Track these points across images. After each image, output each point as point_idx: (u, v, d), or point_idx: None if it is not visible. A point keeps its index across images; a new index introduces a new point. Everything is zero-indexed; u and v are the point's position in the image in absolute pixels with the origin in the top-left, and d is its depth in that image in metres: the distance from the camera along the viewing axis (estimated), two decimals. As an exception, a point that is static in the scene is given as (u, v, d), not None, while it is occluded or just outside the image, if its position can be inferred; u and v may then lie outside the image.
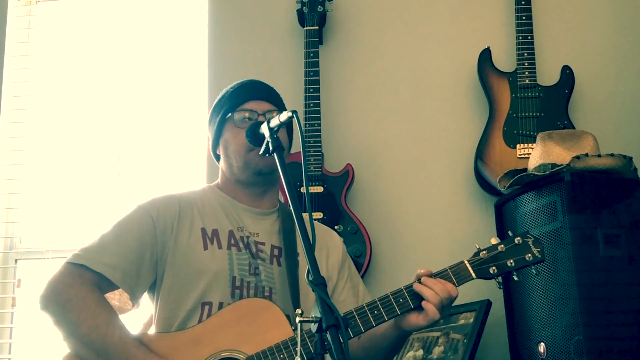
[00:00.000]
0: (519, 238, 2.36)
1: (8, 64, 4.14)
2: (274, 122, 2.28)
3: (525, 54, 3.65)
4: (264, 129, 2.30)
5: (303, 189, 3.51)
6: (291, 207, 2.11)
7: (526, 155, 3.45)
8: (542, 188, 2.98)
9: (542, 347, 2.90)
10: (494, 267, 2.32)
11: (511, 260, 2.33)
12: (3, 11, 4.15)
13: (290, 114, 2.21)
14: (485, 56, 3.74)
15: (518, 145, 3.56)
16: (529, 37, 3.66)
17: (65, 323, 2.37)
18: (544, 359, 2.88)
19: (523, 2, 3.69)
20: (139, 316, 2.64)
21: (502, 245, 2.35)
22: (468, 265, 2.34)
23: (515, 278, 2.36)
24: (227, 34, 4.04)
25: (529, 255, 2.33)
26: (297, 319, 1.99)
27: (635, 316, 2.79)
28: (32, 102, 4.15)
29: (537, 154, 3.11)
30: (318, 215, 3.55)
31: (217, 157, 2.70)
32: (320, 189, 3.60)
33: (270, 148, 2.26)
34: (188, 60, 4.11)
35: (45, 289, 2.41)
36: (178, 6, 4.20)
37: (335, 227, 3.53)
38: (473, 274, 2.33)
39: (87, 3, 4.23)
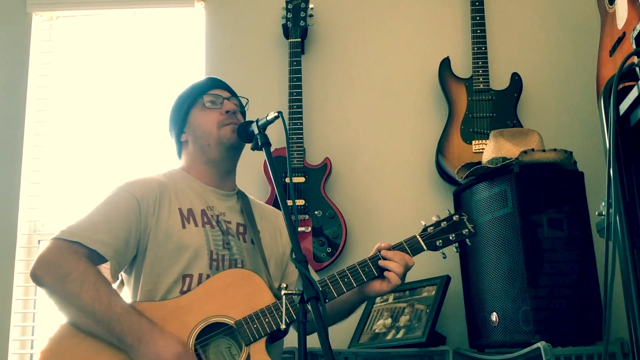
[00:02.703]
0: (457, 216, 2.43)
1: (32, 71, 4.06)
2: (262, 122, 2.29)
3: (480, 62, 3.62)
4: (254, 127, 2.30)
5: (287, 179, 3.48)
6: (277, 194, 2.08)
7: (480, 150, 3.43)
8: (494, 179, 2.96)
9: (494, 317, 2.87)
10: (440, 240, 2.39)
11: (452, 235, 2.40)
12: (27, 25, 4.09)
13: (276, 114, 2.23)
14: (445, 64, 3.71)
15: (473, 142, 3.53)
16: (483, 48, 3.63)
17: (65, 294, 2.20)
18: (496, 327, 2.87)
19: (478, 18, 3.66)
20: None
21: (444, 222, 2.41)
22: (420, 239, 2.39)
23: (456, 250, 2.45)
24: (222, 46, 3.97)
25: (466, 230, 2.42)
26: (282, 292, 2.04)
27: (575, 289, 2.76)
28: (52, 104, 4.07)
29: (490, 149, 3.09)
30: (300, 202, 3.51)
31: (180, 145, 2.61)
32: (302, 179, 3.55)
33: (259, 143, 2.27)
34: (189, 68, 4.04)
35: (40, 264, 2.23)
36: (181, 23, 4.14)
37: (316, 212, 3.50)
38: (424, 246, 2.39)
39: (101, 19, 4.17)
